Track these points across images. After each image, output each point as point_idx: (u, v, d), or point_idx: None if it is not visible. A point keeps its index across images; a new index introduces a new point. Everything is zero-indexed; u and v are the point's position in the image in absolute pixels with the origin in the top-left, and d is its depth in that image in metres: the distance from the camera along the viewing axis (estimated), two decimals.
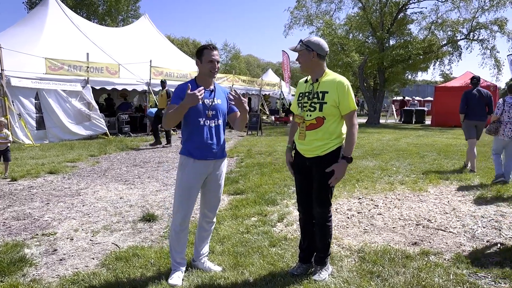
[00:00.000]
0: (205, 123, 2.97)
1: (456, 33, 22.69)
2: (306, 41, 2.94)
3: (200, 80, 3.01)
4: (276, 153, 10.18)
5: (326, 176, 2.92)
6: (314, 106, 2.92)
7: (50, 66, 12.11)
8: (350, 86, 2.91)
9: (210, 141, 2.98)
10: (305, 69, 3.01)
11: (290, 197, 5.49)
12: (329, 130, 2.90)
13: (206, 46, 2.94)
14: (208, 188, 3.09)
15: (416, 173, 7.29)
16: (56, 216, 4.73)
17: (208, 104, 2.99)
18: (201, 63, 2.95)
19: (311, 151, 2.97)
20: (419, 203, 5.23)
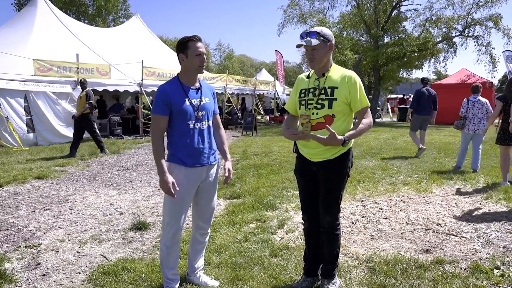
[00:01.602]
0: (195, 126, 2.67)
1: (451, 30, 22.55)
2: (321, 32, 2.62)
3: (185, 77, 2.69)
4: (272, 153, 9.92)
5: (335, 180, 2.68)
6: (322, 103, 2.63)
7: (39, 67, 11.76)
8: (360, 82, 2.65)
9: (202, 145, 2.69)
10: (319, 64, 2.66)
11: (289, 201, 5.23)
12: (339, 129, 2.60)
13: (190, 38, 2.58)
14: (201, 196, 2.81)
15: (418, 173, 7.06)
16: (42, 226, 4.43)
17: (196, 104, 2.68)
18: (187, 58, 2.61)
19: (319, 154, 2.68)
20: (425, 205, 4.98)
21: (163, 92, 2.60)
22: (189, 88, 2.69)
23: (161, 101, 2.59)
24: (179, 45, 2.62)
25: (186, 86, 2.68)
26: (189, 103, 2.64)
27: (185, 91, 2.65)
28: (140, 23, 21.49)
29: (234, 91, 21.41)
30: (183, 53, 2.61)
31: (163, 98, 2.59)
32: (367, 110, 2.65)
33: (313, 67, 2.71)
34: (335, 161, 2.66)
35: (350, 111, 2.67)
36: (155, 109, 2.62)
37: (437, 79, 43.78)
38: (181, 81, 2.69)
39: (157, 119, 2.62)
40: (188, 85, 2.69)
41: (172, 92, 2.61)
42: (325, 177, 2.69)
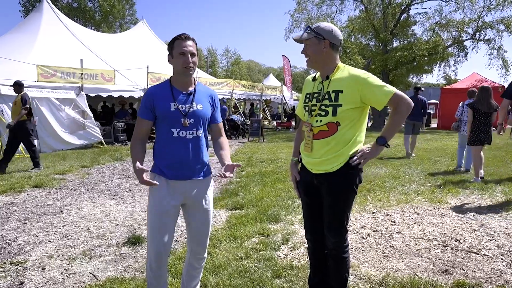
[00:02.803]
0: (180, 134, 2.35)
1: (462, 33, 22.15)
2: (315, 27, 2.35)
3: (176, 80, 2.40)
4: (278, 160, 9.62)
5: (338, 197, 2.36)
6: (325, 109, 2.33)
7: (42, 73, 11.62)
8: (372, 76, 2.31)
9: (185, 157, 2.36)
10: (314, 63, 2.40)
11: (295, 212, 4.92)
12: (344, 138, 2.32)
13: (177, 36, 2.32)
14: (192, 215, 2.48)
15: (432, 182, 6.70)
16: (31, 239, 4.17)
17: (184, 111, 2.37)
18: (172, 58, 2.33)
19: (318, 165, 2.39)
20: (441, 217, 4.64)
21: (148, 95, 2.38)
22: (179, 92, 2.39)
23: (144, 104, 2.37)
24: (168, 45, 2.38)
25: (177, 90, 2.38)
26: (175, 108, 2.34)
27: (173, 95, 2.35)
28: (146, 28, 21.41)
29: (241, 96, 21.19)
30: (170, 53, 2.36)
31: (147, 101, 2.36)
32: (395, 98, 2.28)
33: (308, 65, 2.45)
34: (337, 174, 2.34)
35: (360, 116, 2.34)
36: (139, 111, 2.42)
37: (447, 84, 43.19)
38: (172, 84, 2.40)
39: (138, 122, 2.42)
40: (180, 88, 2.39)
41: (158, 96, 2.35)
42: (328, 193, 2.39)
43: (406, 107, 2.30)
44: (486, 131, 6.58)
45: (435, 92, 51.05)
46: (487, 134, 6.60)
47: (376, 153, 2.35)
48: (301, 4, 24.13)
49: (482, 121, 6.57)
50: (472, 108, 6.66)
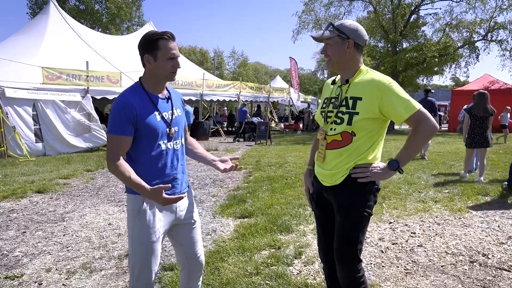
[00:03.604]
0: (168, 146, 2.09)
1: (473, 34, 21.73)
2: (338, 25, 2.09)
3: (151, 84, 2.07)
4: (287, 164, 9.36)
5: (346, 217, 2.08)
6: (341, 117, 2.08)
7: (48, 75, 11.49)
8: (396, 84, 2.03)
9: (176, 170, 2.12)
10: (334, 65, 2.12)
11: (306, 221, 4.66)
12: (358, 150, 2.06)
13: (161, 35, 1.99)
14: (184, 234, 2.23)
15: (449, 188, 6.40)
16: (30, 250, 3.95)
17: (168, 118, 2.10)
18: (156, 61, 2.00)
19: (328, 177, 2.15)
20: (464, 228, 4.35)
21: (127, 105, 1.96)
22: (158, 97, 2.08)
23: (124, 117, 1.95)
24: (146, 42, 2.01)
25: (154, 96, 2.07)
26: (160, 117, 2.05)
27: (153, 103, 2.04)
28: (153, 30, 21.27)
29: (248, 99, 20.95)
30: (150, 53, 2.00)
31: (127, 113, 1.95)
32: (418, 116, 1.97)
33: (327, 68, 2.16)
34: (342, 189, 2.08)
35: (380, 129, 2.08)
36: (113, 128, 1.95)
37: (455, 85, 42.63)
38: (145, 88, 2.06)
39: (116, 141, 1.95)
40: (156, 94, 2.08)
41: (138, 105, 1.99)
42: (335, 210, 2.13)
43: (430, 130, 1.98)
44: (481, 134, 6.84)
45: (443, 94, 50.50)
46: (483, 138, 6.86)
47: (383, 176, 2.06)
48: (309, 5, 23.89)
49: (478, 124, 6.85)
50: (469, 113, 6.97)
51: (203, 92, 17.05)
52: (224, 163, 2.31)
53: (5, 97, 10.51)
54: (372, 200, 2.10)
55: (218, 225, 4.67)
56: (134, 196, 2.06)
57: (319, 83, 57.41)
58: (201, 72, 19.33)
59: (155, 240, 2.06)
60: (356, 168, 2.06)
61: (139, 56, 2.07)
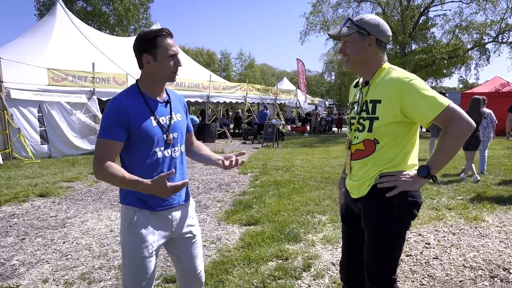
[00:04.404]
0: (165, 153, 1.92)
1: (483, 36, 21.39)
2: (358, 20, 1.88)
3: (149, 87, 1.91)
4: (294, 168, 9.17)
5: (372, 233, 1.87)
6: (363, 123, 1.88)
7: (53, 77, 11.43)
8: (419, 81, 1.78)
9: (172, 180, 1.93)
10: (354, 65, 1.91)
11: (315, 230, 4.47)
12: (383, 158, 1.84)
13: (159, 32, 1.83)
14: (183, 248, 2.07)
15: (462, 194, 6.17)
16: (27, 259, 3.82)
17: (165, 124, 1.94)
18: (156, 60, 1.84)
19: (355, 188, 1.96)
20: (481, 239, 4.14)
21: (120, 109, 1.81)
22: (155, 101, 1.92)
23: (115, 120, 1.79)
24: (143, 42, 1.84)
25: (151, 99, 1.91)
26: (156, 123, 1.89)
27: (149, 107, 1.89)
28: None
29: (255, 101, 20.80)
30: (149, 53, 1.84)
31: (120, 117, 1.80)
32: (447, 113, 1.71)
33: (346, 68, 1.96)
34: (369, 201, 1.87)
35: (408, 132, 1.84)
36: (104, 132, 1.80)
37: (464, 87, 42.13)
38: (142, 92, 1.91)
39: (105, 146, 1.80)
40: (153, 97, 1.93)
41: (132, 108, 1.83)
42: (363, 226, 1.93)
43: (462, 129, 1.71)
44: (477, 137, 7.38)
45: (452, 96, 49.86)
46: (478, 140, 7.42)
47: (413, 184, 1.80)
48: (317, 6, 23.75)
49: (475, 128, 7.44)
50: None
51: (210, 94, 16.93)
52: (228, 160, 2.14)
53: (10, 99, 10.45)
54: (406, 215, 1.84)
55: (223, 233, 4.51)
56: (126, 207, 1.91)
57: (326, 84, 57.15)
58: (208, 74, 19.22)
59: (147, 256, 1.89)
60: (382, 177, 1.85)
61: (136, 57, 1.91)
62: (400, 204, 1.82)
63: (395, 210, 1.82)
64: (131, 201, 1.90)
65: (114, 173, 1.76)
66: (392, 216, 1.83)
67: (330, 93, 52.67)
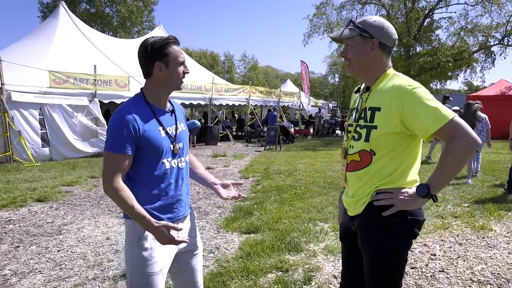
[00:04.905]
0: (172, 164, 1.85)
1: (489, 38, 21.17)
2: (360, 22, 1.76)
3: (155, 96, 1.84)
4: (296, 172, 9.04)
5: (370, 255, 1.74)
6: (359, 132, 1.75)
7: (55, 79, 11.36)
8: (422, 90, 1.64)
9: (180, 191, 1.89)
10: (356, 70, 1.79)
11: (317, 239, 4.34)
12: (380, 173, 1.70)
13: (170, 40, 1.78)
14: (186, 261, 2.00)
15: (468, 202, 6.02)
16: (20, 268, 3.71)
17: (172, 134, 1.86)
18: (168, 68, 1.78)
19: (351, 205, 1.83)
20: (488, 250, 3.99)
21: (129, 120, 1.71)
22: (162, 111, 1.86)
23: (125, 133, 1.70)
24: (155, 50, 1.77)
25: (158, 109, 1.85)
26: (165, 133, 1.82)
27: (157, 117, 1.82)
28: (163, 33, 21.17)
29: (258, 103, 20.69)
30: (161, 60, 1.77)
31: (130, 128, 1.70)
32: (450, 127, 1.56)
33: (349, 72, 1.84)
34: (366, 220, 1.74)
35: (408, 145, 1.69)
36: (113, 145, 1.70)
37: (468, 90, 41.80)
38: (148, 100, 1.83)
39: (116, 161, 1.70)
40: (159, 106, 1.86)
41: (141, 119, 1.75)
42: (360, 245, 1.80)
43: (466, 146, 1.55)
44: None
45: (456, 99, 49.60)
46: None
47: (411, 204, 1.65)
48: (321, 8, 23.63)
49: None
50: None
51: (212, 96, 16.84)
52: (226, 189, 2.12)
53: (11, 101, 10.39)
54: (406, 234, 1.71)
55: (222, 241, 4.39)
56: (133, 222, 1.80)
57: (330, 87, 56.98)
58: (210, 76, 19.14)
59: (157, 272, 1.80)
60: (378, 193, 1.71)
61: (143, 65, 1.83)
62: (399, 223, 1.68)
63: (394, 229, 1.69)
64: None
65: (124, 199, 1.68)
66: (390, 236, 1.69)
67: (333, 95, 52.49)
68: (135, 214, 1.69)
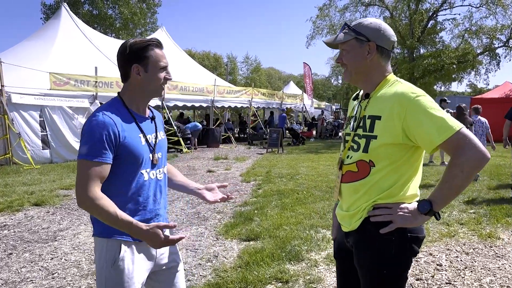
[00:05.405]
0: (151, 176, 1.71)
1: (494, 40, 20.99)
2: (356, 25, 1.65)
3: (135, 101, 1.71)
4: (299, 176, 8.91)
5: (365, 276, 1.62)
6: (358, 141, 1.62)
7: (55, 81, 11.29)
8: (427, 98, 1.51)
9: (158, 205, 1.75)
10: (353, 76, 1.67)
11: (318, 247, 4.20)
12: (379, 186, 1.58)
13: (151, 42, 1.67)
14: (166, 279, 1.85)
15: (475, 208, 5.87)
16: (11, 277, 3.59)
17: (152, 143, 1.73)
18: (147, 72, 1.65)
19: (345, 220, 1.70)
20: (496, 260, 3.84)
21: (109, 124, 1.56)
22: (142, 117, 1.73)
23: (104, 138, 1.55)
24: (133, 51, 1.65)
25: (137, 115, 1.71)
26: (145, 141, 1.69)
27: (137, 123, 1.69)
28: (165, 35, 21.09)
29: (260, 105, 20.57)
30: (140, 63, 1.65)
31: (109, 134, 1.56)
32: (457, 140, 1.43)
33: (345, 79, 1.71)
34: (361, 237, 1.62)
35: (409, 156, 1.57)
36: (90, 152, 1.54)
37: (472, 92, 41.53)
38: (128, 106, 1.69)
39: (93, 170, 1.54)
40: (138, 112, 1.73)
41: (121, 123, 1.61)
42: (356, 264, 1.67)
43: (474, 160, 1.43)
44: None
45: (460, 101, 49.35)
46: None
47: (412, 221, 1.52)
48: (324, 10, 23.53)
49: None
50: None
51: (214, 98, 16.74)
52: (211, 192, 1.97)
53: (11, 103, 10.32)
54: (406, 253, 1.57)
55: (220, 249, 4.26)
56: (108, 240, 1.66)
57: (333, 88, 56.78)
58: (213, 78, 19.05)
59: None
60: (375, 208, 1.58)
61: (120, 67, 1.71)
62: (398, 241, 1.55)
63: (392, 248, 1.55)
64: (115, 232, 1.64)
65: (105, 207, 1.52)
66: (388, 255, 1.56)
67: (336, 97, 52.29)
68: (120, 222, 1.53)
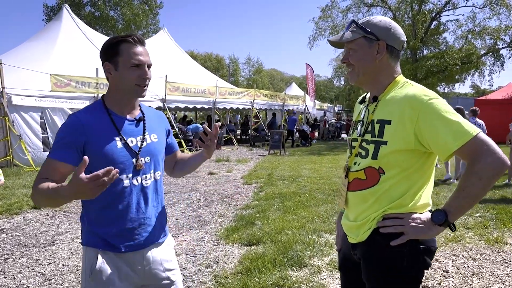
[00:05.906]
0: (133, 182, 1.61)
1: (498, 41, 20.83)
2: (364, 22, 1.54)
3: (114, 102, 1.63)
4: (301, 178, 8.81)
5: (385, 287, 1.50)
6: (366, 147, 1.52)
7: (56, 82, 11.22)
8: (440, 101, 1.41)
9: (143, 214, 1.64)
10: (360, 77, 1.56)
11: (321, 253, 4.10)
12: (389, 194, 1.48)
13: (124, 38, 1.56)
14: None
15: (480, 211, 5.76)
16: (7, 283, 3.51)
17: (135, 146, 1.63)
18: (117, 70, 1.57)
19: (352, 231, 1.60)
20: (504, 266, 3.74)
21: (73, 126, 1.52)
22: (123, 119, 1.63)
23: (67, 139, 1.51)
24: (105, 48, 1.58)
25: (118, 116, 1.63)
26: (123, 144, 1.59)
27: (115, 124, 1.60)
28: (167, 37, 21.06)
29: (262, 107, 20.47)
30: (110, 61, 1.57)
31: (72, 134, 1.51)
32: (474, 146, 1.33)
33: (351, 81, 1.61)
34: (371, 249, 1.52)
35: (421, 164, 1.47)
36: (53, 151, 1.52)
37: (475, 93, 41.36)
38: (108, 107, 1.62)
39: (49, 167, 1.51)
40: (121, 114, 1.64)
41: (92, 126, 1.55)
42: (365, 278, 1.57)
43: (494, 168, 1.32)
44: None
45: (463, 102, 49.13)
46: None
47: (425, 233, 1.41)
48: (326, 11, 23.42)
49: None
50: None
51: (216, 99, 16.66)
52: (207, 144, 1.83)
53: (12, 105, 10.27)
54: (417, 266, 1.47)
55: (221, 254, 4.17)
56: (86, 249, 1.60)
57: (335, 90, 56.67)
58: (215, 79, 18.97)
59: None
60: (385, 219, 1.48)
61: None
62: (410, 254, 1.45)
63: (404, 261, 1.45)
64: (92, 241, 1.59)
65: (43, 188, 1.43)
66: (399, 268, 1.46)
67: (339, 99, 52.16)
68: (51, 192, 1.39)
